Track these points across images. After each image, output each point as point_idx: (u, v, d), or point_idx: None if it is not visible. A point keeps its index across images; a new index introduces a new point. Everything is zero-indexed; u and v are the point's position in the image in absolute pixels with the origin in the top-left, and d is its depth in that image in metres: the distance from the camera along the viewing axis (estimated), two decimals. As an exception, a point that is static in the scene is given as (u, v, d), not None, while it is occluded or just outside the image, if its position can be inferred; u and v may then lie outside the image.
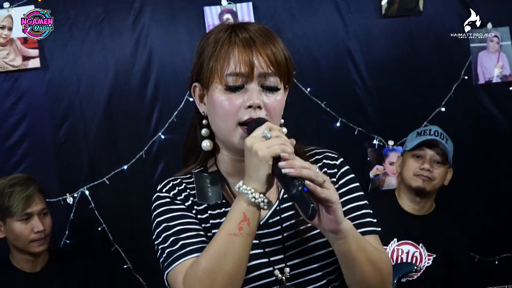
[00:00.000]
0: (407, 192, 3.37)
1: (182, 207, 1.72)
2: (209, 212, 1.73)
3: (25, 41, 3.62)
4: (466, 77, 3.87)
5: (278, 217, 1.73)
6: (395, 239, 3.32)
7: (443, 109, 3.85)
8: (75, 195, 3.68)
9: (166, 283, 1.69)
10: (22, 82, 3.67)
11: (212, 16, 3.68)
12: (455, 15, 3.86)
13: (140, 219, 3.64)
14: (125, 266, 3.71)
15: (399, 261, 3.27)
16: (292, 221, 1.72)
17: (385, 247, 3.22)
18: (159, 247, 1.70)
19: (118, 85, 3.74)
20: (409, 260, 3.29)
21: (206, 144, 1.75)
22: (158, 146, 3.72)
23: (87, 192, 3.69)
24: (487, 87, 3.89)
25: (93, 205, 3.69)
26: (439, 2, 3.87)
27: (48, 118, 3.71)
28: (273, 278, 1.67)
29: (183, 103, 3.69)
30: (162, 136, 3.72)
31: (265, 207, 1.56)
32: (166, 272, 1.66)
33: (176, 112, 3.71)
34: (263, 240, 1.71)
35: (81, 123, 3.72)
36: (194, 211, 1.72)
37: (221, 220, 1.68)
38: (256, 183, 1.55)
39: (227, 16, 3.69)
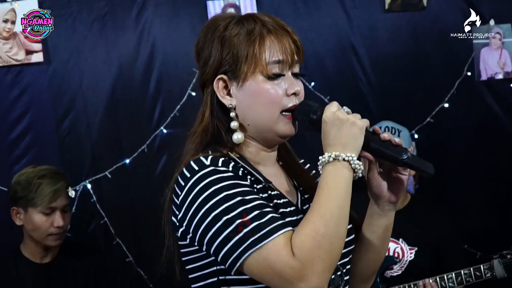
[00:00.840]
0: None
1: (247, 183, 1.60)
2: (267, 193, 1.64)
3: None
4: (469, 73, 3.86)
5: (308, 205, 1.73)
6: None
7: (446, 105, 3.85)
8: (77, 188, 3.71)
9: (238, 267, 1.50)
10: (25, 76, 3.71)
11: (215, 11, 3.70)
12: (458, 11, 3.85)
13: (142, 213, 3.75)
14: (127, 260, 3.74)
15: (382, 259, 3.31)
16: None
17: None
18: (236, 222, 1.50)
19: (121, 79, 3.77)
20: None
21: (237, 137, 1.67)
22: (161, 140, 3.75)
23: (89, 186, 3.73)
24: (489, 84, 3.88)
25: (95, 198, 3.72)
26: None
27: (51, 111, 3.75)
28: None
29: (185, 97, 3.72)
30: (164, 130, 3.75)
31: (359, 175, 1.59)
32: (253, 249, 1.48)
33: (178, 107, 3.73)
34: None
35: (84, 116, 3.76)
36: (255, 190, 1.63)
37: (278, 202, 1.64)
38: (355, 152, 1.58)
39: (230, 10, 3.69)
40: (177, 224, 1.65)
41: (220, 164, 1.58)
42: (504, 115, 3.88)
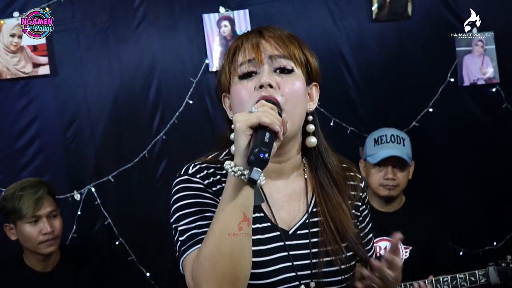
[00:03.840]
0: (375, 197, 3.45)
1: (213, 198, 1.63)
2: None
3: (34, 48, 3.74)
4: (452, 80, 3.97)
5: (307, 230, 1.68)
6: None
7: (430, 109, 3.96)
8: (82, 191, 3.82)
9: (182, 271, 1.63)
10: (33, 87, 3.80)
11: (210, 23, 3.81)
12: (442, 20, 3.97)
13: (143, 214, 3.87)
14: (129, 258, 3.83)
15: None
16: (322, 238, 1.68)
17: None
18: (179, 228, 1.61)
19: (123, 89, 3.86)
20: (387, 255, 3.39)
21: (233, 149, 1.61)
22: (160, 146, 3.85)
23: (93, 189, 3.82)
24: (472, 89, 3.99)
25: (99, 201, 3.82)
26: (427, 7, 3.97)
27: (57, 120, 3.84)
28: None
29: (183, 105, 3.83)
30: (164, 137, 3.84)
31: (246, 179, 1.46)
32: (183, 257, 1.59)
33: (177, 114, 3.83)
34: (292, 252, 1.65)
35: (88, 124, 3.85)
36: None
37: (255, 227, 1.62)
38: (238, 157, 1.48)
39: (225, 23, 3.82)
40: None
41: (198, 176, 1.64)
42: (485, 119, 4.00)
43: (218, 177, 1.65)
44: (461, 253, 3.92)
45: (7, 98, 3.81)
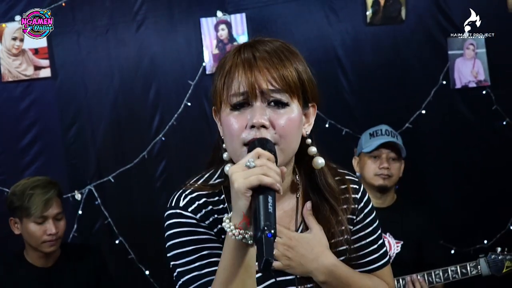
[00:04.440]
0: (369, 189, 3.46)
1: (207, 232, 1.61)
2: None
3: (36, 52, 3.83)
4: (444, 82, 4.05)
5: None
6: None
7: (423, 111, 4.04)
8: (83, 191, 3.90)
9: None
10: (34, 89, 3.89)
11: (208, 27, 3.91)
12: (434, 24, 4.04)
13: (143, 213, 3.95)
14: (129, 257, 3.92)
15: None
16: None
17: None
18: (177, 270, 1.61)
19: (123, 91, 3.95)
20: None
21: (226, 169, 1.60)
22: (160, 147, 3.93)
23: (93, 189, 3.90)
24: (463, 91, 4.06)
25: (99, 201, 3.91)
26: (420, 11, 4.05)
27: (58, 121, 3.93)
28: None
29: (182, 107, 3.91)
30: (163, 138, 3.93)
31: (250, 242, 1.43)
32: None
33: (176, 116, 3.92)
34: (279, 278, 1.65)
35: (89, 126, 3.94)
36: (215, 229, 1.62)
37: None
38: (237, 217, 1.43)
39: (222, 26, 3.90)
40: None
41: (190, 209, 1.60)
42: (476, 120, 4.07)
43: (210, 207, 1.63)
44: (452, 252, 4.00)
45: (9, 100, 3.90)
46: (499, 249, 3.26)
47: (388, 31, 4.07)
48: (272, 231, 1.33)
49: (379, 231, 1.79)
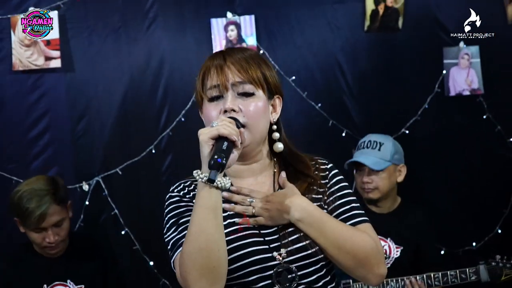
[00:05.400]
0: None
1: (189, 204, 1.88)
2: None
3: (48, 43, 3.86)
4: (439, 90, 4.19)
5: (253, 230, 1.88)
6: None
7: (419, 118, 4.17)
8: (91, 183, 3.95)
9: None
10: (45, 81, 3.93)
11: (218, 27, 4.01)
12: (430, 33, 4.18)
13: (148, 206, 4.02)
14: (134, 248, 3.98)
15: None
16: None
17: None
18: (165, 238, 1.89)
19: (132, 87, 4.01)
20: (380, 253, 3.54)
21: None
22: (167, 142, 4.01)
23: (101, 181, 3.96)
24: (457, 99, 4.21)
25: (106, 192, 3.96)
26: (417, 21, 4.17)
27: (68, 114, 3.98)
28: (272, 261, 1.81)
29: (189, 104, 3.98)
30: (170, 133, 4.00)
31: (205, 181, 1.71)
32: (172, 259, 1.84)
33: (183, 112, 4.00)
34: (262, 231, 1.86)
35: (98, 119, 4.00)
36: None
37: (230, 213, 1.88)
38: (204, 165, 1.73)
39: (231, 27, 4.02)
40: None
41: (176, 190, 1.94)
42: (469, 127, 4.22)
43: (193, 186, 1.92)
44: (442, 252, 4.10)
45: (20, 91, 3.94)
46: (498, 256, 3.34)
47: (385, 38, 4.19)
48: (223, 160, 1.69)
49: (353, 196, 1.98)
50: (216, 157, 1.68)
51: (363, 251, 1.85)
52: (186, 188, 1.93)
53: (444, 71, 4.21)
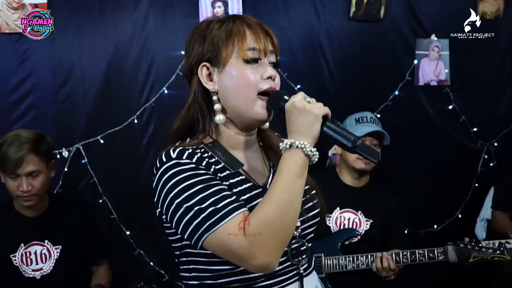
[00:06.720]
0: (349, 170, 3.69)
1: (208, 172, 1.74)
2: (230, 181, 1.79)
3: (35, 6, 3.81)
4: (409, 78, 4.37)
5: None
6: (338, 208, 3.63)
7: (390, 103, 4.34)
8: (71, 149, 3.93)
9: (200, 245, 1.68)
10: (30, 45, 3.87)
11: (205, 3, 4.04)
12: (407, 25, 4.36)
13: (128, 175, 4.04)
14: (111, 216, 4.00)
15: (341, 227, 3.61)
16: None
17: (329, 215, 3.59)
18: (195, 208, 1.67)
19: (117, 56, 3.99)
20: (350, 225, 3.58)
21: (219, 118, 1.82)
22: (149, 113, 4.03)
23: (81, 148, 3.95)
24: (425, 88, 4.40)
25: (86, 160, 3.96)
26: (396, 12, 4.34)
27: (51, 78, 3.93)
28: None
29: (173, 76, 3.99)
30: (153, 104, 4.02)
31: (316, 160, 1.70)
32: (211, 231, 1.65)
33: (167, 84, 4.01)
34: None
35: (81, 85, 3.96)
36: (211, 170, 1.76)
37: (241, 188, 1.79)
38: (309, 139, 1.69)
39: (219, 4, 4.06)
40: (155, 205, 1.79)
41: (184, 157, 1.74)
42: (436, 115, 4.44)
43: (199, 154, 1.77)
44: (405, 232, 4.18)
45: (2, 52, 3.87)
46: (467, 239, 3.41)
47: (367, 27, 4.32)
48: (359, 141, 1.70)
49: None
50: (357, 139, 1.70)
51: None
52: (195, 156, 1.75)
53: (416, 61, 4.39)
